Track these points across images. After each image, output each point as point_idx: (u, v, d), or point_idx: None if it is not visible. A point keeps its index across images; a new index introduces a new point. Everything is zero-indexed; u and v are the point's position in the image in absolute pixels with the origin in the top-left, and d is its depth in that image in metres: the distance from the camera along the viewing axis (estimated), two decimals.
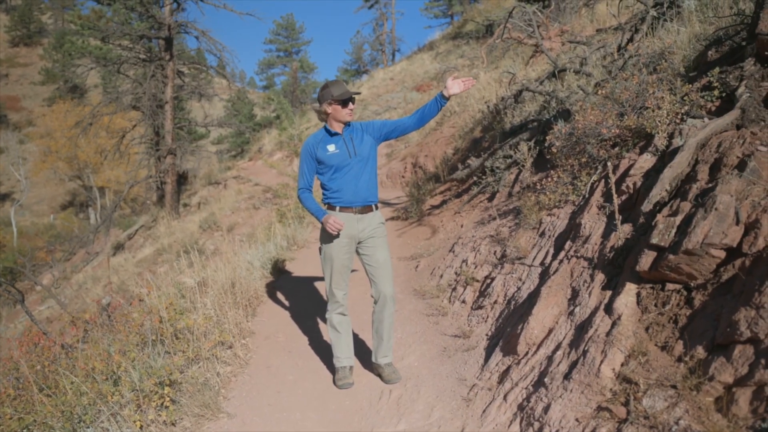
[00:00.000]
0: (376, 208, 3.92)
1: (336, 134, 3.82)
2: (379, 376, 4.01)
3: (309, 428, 3.47)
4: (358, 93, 3.87)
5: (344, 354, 3.99)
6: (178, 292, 5.55)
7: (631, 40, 6.33)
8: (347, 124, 3.84)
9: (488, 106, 8.65)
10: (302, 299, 5.81)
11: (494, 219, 5.60)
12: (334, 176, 3.80)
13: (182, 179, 22.08)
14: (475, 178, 6.99)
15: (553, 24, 11.85)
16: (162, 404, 3.64)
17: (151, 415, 3.52)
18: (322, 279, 4.27)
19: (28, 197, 47.87)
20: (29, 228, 41.39)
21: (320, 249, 3.95)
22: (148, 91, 18.03)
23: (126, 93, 19.01)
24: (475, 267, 4.95)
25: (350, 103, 3.76)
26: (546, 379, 2.98)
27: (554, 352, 3.14)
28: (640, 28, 6.25)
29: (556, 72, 7.02)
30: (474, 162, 7.00)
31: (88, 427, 3.43)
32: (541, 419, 2.79)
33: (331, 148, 3.78)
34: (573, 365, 2.89)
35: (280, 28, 51.12)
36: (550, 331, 3.33)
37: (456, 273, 5.19)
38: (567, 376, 2.86)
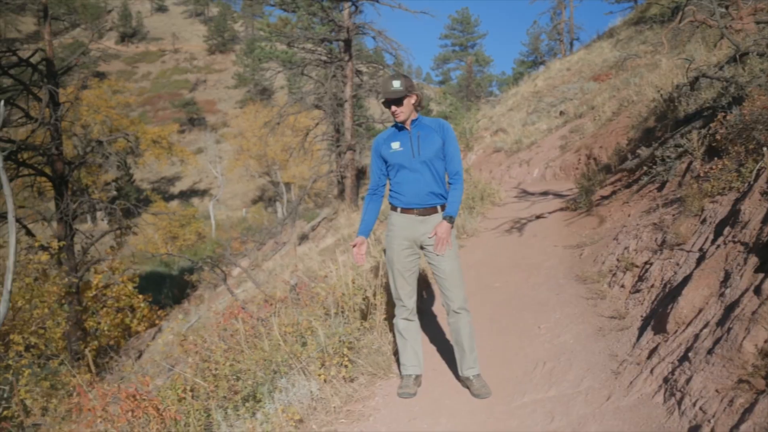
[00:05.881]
0: (443, 209, 3.70)
1: (403, 130, 3.65)
2: (468, 389, 3.84)
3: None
4: (394, 98, 3.47)
5: (410, 362, 3.91)
6: (356, 274, 6.28)
7: None
8: (416, 119, 3.62)
9: (661, 95, 8.37)
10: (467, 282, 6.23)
11: (660, 208, 5.58)
12: (396, 175, 3.68)
13: (361, 174, 23.43)
14: (645, 168, 6.91)
15: (747, 2, 10.96)
16: (342, 363, 4.27)
17: (333, 371, 4.15)
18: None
19: (224, 193, 53.40)
20: (225, 221, 45.87)
21: (384, 250, 3.91)
22: (329, 90, 19.33)
23: (309, 93, 20.48)
24: (636, 253, 5.03)
25: (392, 105, 3.51)
26: (690, 354, 3.13)
27: (701, 330, 3.26)
28: None
29: (738, 56, 6.68)
30: (644, 152, 6.91)
31: (282, 378, 4.13)
32: (683, 389, 2.97)
33: (395, 145, 3.63)
34: (716, 341, 3.02)
35: (455, 22, 51.83)
36: (700, 311, 3.43)
37: (617, 259, 5.29)
38: (710, 351, 3.00)
